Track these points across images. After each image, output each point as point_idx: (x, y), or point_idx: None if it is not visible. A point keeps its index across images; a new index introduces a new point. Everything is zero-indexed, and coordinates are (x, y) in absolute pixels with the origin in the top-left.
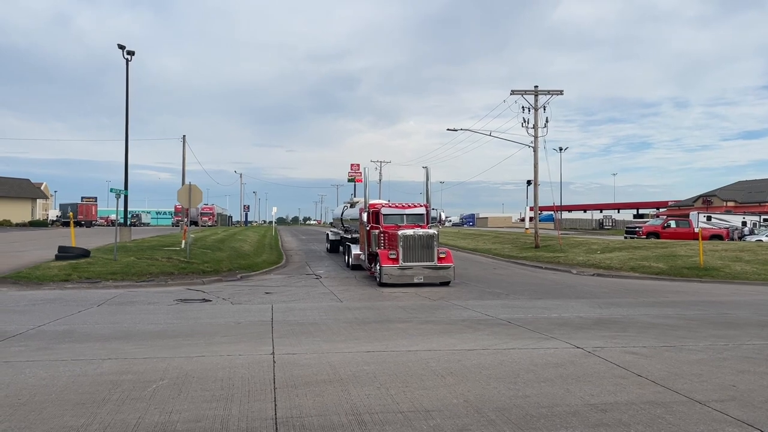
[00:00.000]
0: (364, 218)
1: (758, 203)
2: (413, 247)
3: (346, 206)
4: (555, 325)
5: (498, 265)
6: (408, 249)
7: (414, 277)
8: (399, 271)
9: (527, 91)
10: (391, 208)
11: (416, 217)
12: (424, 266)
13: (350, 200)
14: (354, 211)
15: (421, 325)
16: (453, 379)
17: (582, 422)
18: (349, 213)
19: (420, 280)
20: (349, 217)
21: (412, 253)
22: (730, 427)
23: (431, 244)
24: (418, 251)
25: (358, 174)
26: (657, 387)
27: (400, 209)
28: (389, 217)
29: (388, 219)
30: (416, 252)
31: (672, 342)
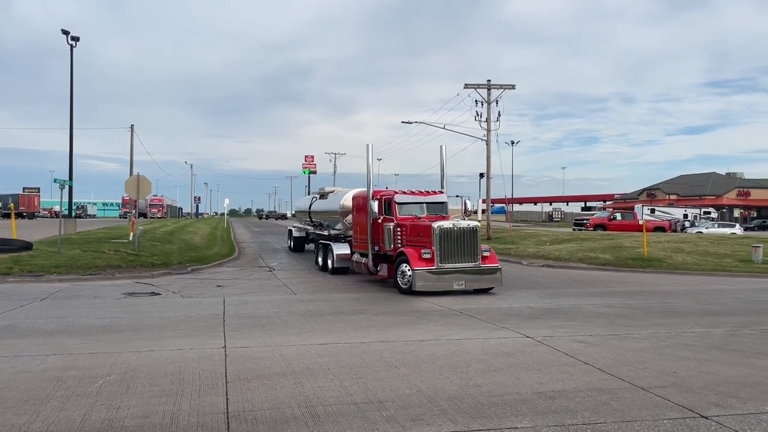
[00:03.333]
0: (374, 208)
1: (699, 196)
2: (453, 244)
3: (315, 197)
4: (506, 315)
5: None
6: (447, 246)
7: (454, 282)
8: (435, 275)
9: (480, 85)
10: (407, 195)
11: (437, 207)
12: (466, 268)
13: (320, 190)
14: (326, 202)
15: (375, 316)
16: (406, 370)
17: (531, 410)
18: (320, 205)
19: (461, 286)
20: (320, 210)
21: (451, 252)
22: (671, 412)
23: (475, 240)
24: (459, 249)
25: (313, 166)
26: (603, 374)
27: (418, 196)
28: (405, 207)
29: (404, 209)
30: (457, 250)
31: (617, 330)
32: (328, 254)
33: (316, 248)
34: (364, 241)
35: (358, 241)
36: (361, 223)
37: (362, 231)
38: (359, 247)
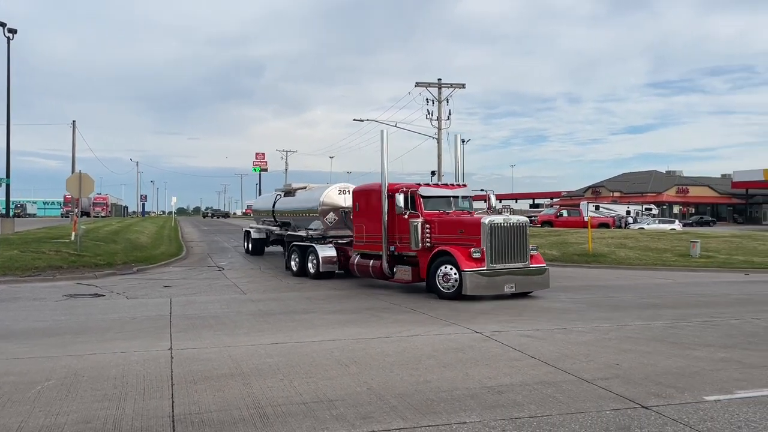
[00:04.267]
0: (399, 202)
1: (641, 193)
2: (504, 242)
3: (279, 195)
4: (456, 311)
5: None
6: (497, 245)
7: (504, 285)
8: (486, 277)
9: (431, 84)
10: (432, 188)
11: (463, 201)
12: (516, 269)
13: (286, 186)
14: (295, 200)
15: (327, 315)
16: (357, 368)
17: (479, 404)
18: (287, 203)
19: (511, 289)
20: (288, 209)
21: (502, 251)
22: (614, 403)
23: (525, 237)
24: (510, 248)
25: (264, 163)
26: (549, 367)
27: (443, 189)
28: (431, 201)
29: (430, 204)
30: (507, 249)
31: (563, 325)
32: (308, 257)
33: (289, 251)
34: (374, 240)
35: (364, 240)
36: (368, 220)
37: (371, 229)
38: (365, 248)
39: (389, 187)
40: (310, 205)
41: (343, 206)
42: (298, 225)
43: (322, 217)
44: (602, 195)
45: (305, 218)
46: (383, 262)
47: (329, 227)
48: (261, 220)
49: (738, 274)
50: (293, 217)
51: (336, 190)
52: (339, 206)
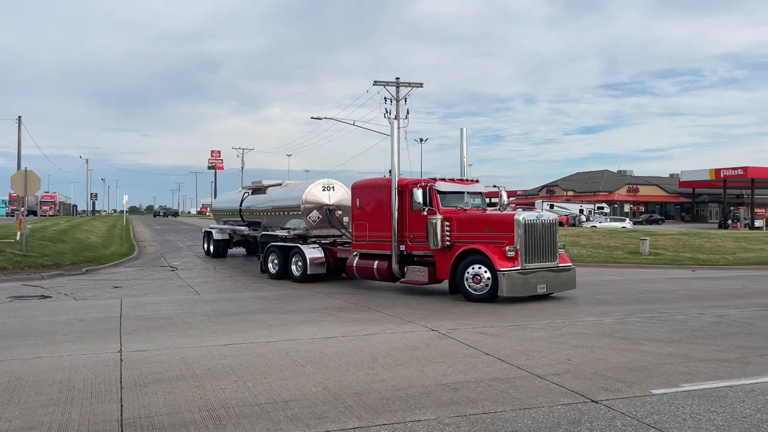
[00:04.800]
0: (418, 198)
1: (593, 192)
2: (537, 240)
3: (247, 193)
4: (413, 309)
5: None
6: (530, 243)
7: (537, 285)
8: (522, 276)
9: (389, 83)
10: (448, 183)
11: (477, 197)
12: (548, 268)
13: (255, 183)
14: (267, 198)
15: (283, 315)
16: (312, 368)
17: (434, 402)
18: (257, 201)
19: (543, 289)
20: (260, 207)
21: (534, 250)
22: (565, 398)
23: (555, 235)
24: (542, 246)
25: (219, 161)
26: (503, 364)
27: (459, 185)
28: (448, 198)
29: (447, 200)
30: (540, 248)
31: (517, 321)
32: (291, 259)
33: (265, 253)
34: (380, 239)
35: (367, 240)
36: (372, 218)
37: (376, 227)
38: (368, 247)
39: (399, 182)
40: (290, 203)
41: (328, 204)
42: (272, 224)
43: (305, 215)
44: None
45: (281, 217)
46: (392, 262)
47: (313, 226)
48: (223, 219)
49: (685, 270)
50: (267, 215)
51: (319, 187)
52: (323, 204)
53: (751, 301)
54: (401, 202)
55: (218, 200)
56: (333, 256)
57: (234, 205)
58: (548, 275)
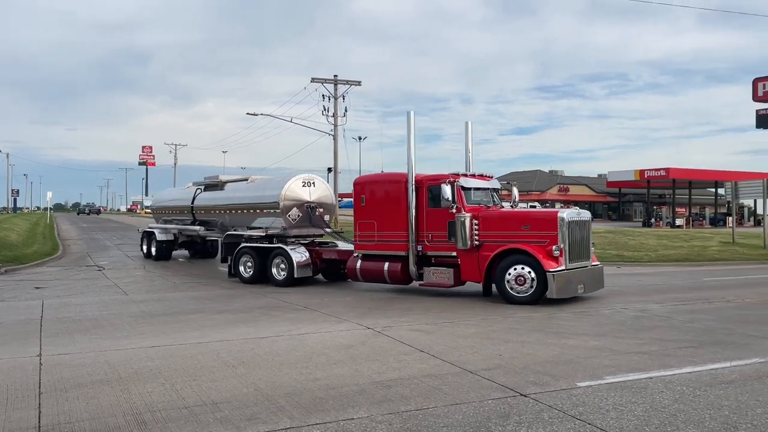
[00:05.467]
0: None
1: (526, 192)
2: (576, 239)
3: (199, 189)
4: (348, 307)
5: None
6: (572, 242)
7: (578, 286)
8: (567, 277)
9: (327, 80)
10: (470, 179)
11: (495, 194)
12: (584, 267)
13: (210, 178)
14: (227, 194)
15: (215, 315)
16: (244, 369)
17: (368, 400)
18: (212, 198)
19: (581, 290)
20: (216, 205)
21: (575, 249)
22: (495, 393)
23: (589, 234)
24: (581, 245)
25: (151, 157)
26: (436, 360)
27: (480, 181)
28: (471, 194)
29: (470, 197)
30: (579, 247)
31: (452, 318)
32: (272, 261)
33: (236, 255)
34: (391, 239)
35: (375, 240)
36: (382, 216)
37: (387, 226)
38: (376, 248)
39: (416, 178)
40: (265, 200)
41: (308, 200)
42: (236, 223)
43: (284, 213)
44: None
45: (247, 215)
46: (410, 264)
47: (292, 225)
48: (164, 218)
49: (611, 267)
50: (229, 214)
51: (299, 182)
52: (303, 201)
53: (671, 296)
54: (419, 199)
55: (160, 197)
56: (319, 258)
57: (182, 203)
58: (585, 275)
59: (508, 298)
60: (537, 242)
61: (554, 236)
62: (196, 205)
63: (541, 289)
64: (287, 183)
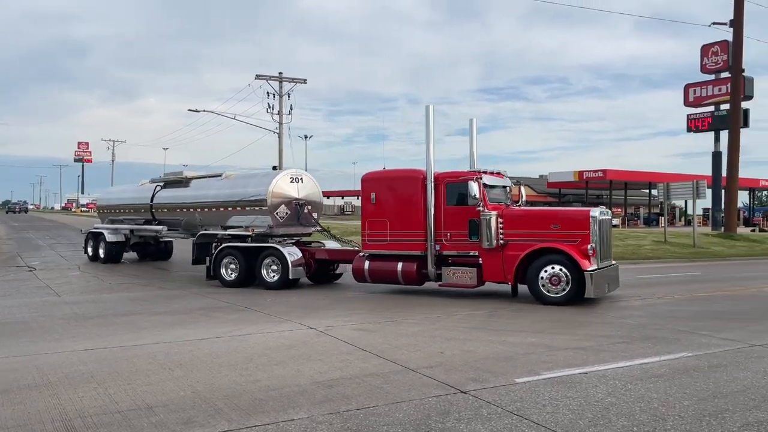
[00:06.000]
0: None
1: None
2: (605, 238)
3: (159, 186)
4: (291, 307)
5: None
6: (602, 242)
7: (605, 285)
8: (601, 277)
9: (272, 77)
10: (490, 176)
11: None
12: (608, 266)
13: (171, 175)
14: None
15: (152, 316)
16: (182, 371)
17: (309, 400)
18: (173, 195)
19: (606, 289)
20: (183, 203)
21: (603, 248)
22: (436, 390)
23: (611, 233)
24: (607, 244)
25: (87, 153)
26: (379, 359)
27: (499, 179)
28: (491, 192)
29: (490, 195)
30: (606, 245)
31: (395, 317)
32: (262, 262)
33: (216, 256)
34: (406, 238)
35: (388, 240)
36: (395, 214)
37: (400, 225)
38: (388, 247)
39: (435, 176)
40: (249, 197)
41: (297, 197)
42: (207, 222)
43: (272, 211)
44: None
45: (223, 213)
46: (429, 264)
47: (280, 223)
48: (110, 218)
49: None
50: (200, 212)
51: (287, 178)
52: (292, 198)
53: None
54: (438, 197)
55: (108, 195)
56: (312, 258)
57: (138, 201)
58: (610, 273)
59: (542, 298)
60: (568, 241)
61: (586, 235)
62: (157, 204)
63: (575, 289)
64: (275, 179)
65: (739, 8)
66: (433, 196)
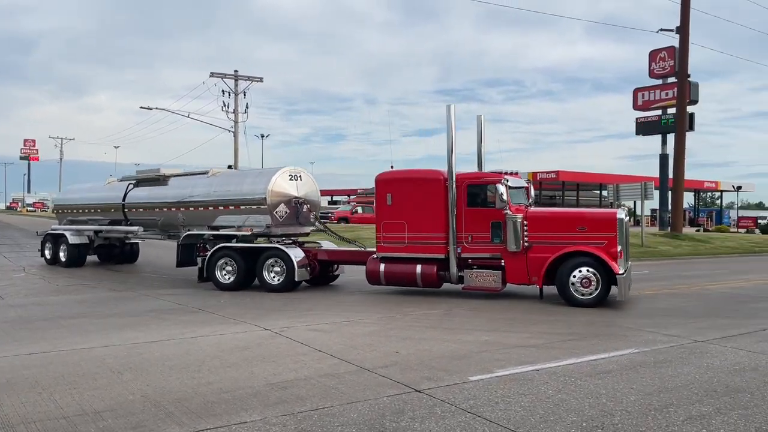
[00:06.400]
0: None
1: None
2: (626, 239)
3: (131, 185)
4: (246, 309)
5: None
6: (624, 244)
7: (628, 286)
8: (628, 278)
9: (227, 75)
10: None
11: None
12: (629, 268)
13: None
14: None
15: (101, 319)
16: (131, 375)
17: (262, 402)
18: (149, 194)
19: (629, 291)
20: (156, 202)
21: (626, 250)
22: (391, 389)
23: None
24: (627, 246)
25: (34, 151)
26: (334, 360)
27: (519, 180)
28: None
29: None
30: (627, 247)
31: (351, 317)
32: (264, 264)
33: (212, 258)
34: (424, 241)
35: (406, 242)
36: (414, 216)
37: (419, 227)
38: (406, 250)
39: (457, 177)
40: (244, 196)
41: (297, 196)
42: (191, 222)
43: (271, 210)
44: None
45: (210, 213)
46: (451, 266)
47: (279, 223)
48: (69, 218)
49: None
50: (185, 212)
51: (286, 176)
52: (291, 196)
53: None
54: (460, 199)
55: (69, 194)
56: (315, 259)
57: (106, 200)
58: (630, 276)
59: (573, 300)
60: (594, 243)
61: (612, 237)
62: (130, 203)
63: (605, 291)
64: (274, 176)
65: (685, 15)
66: (456, 197)
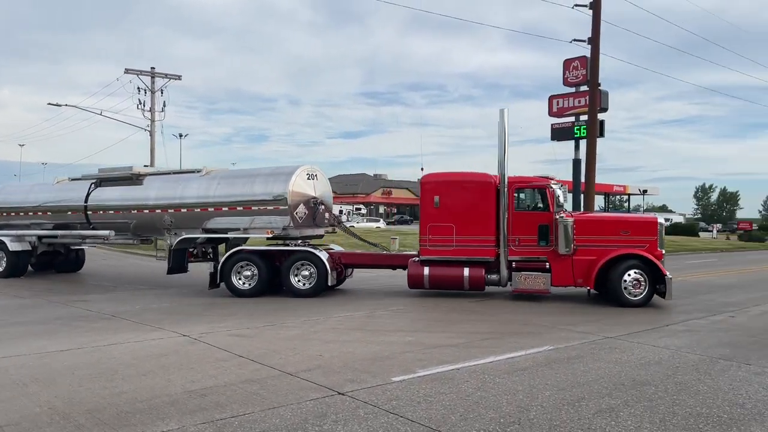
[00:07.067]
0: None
1: (352, 194)
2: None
3: (92, 185)
4: (165, 314)
5: (109, 255)
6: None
7: None
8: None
9: (143, 72)
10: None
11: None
12: None
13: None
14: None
15: (5, 328)
16: (38, 386)
17: (179, 410)
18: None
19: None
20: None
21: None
22: (314, 393)
23: None
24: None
25: None
26: (255, 365)
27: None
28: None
29: None
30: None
31: (274, 321)
32: (290, 268)
33: (228, 262)
34: (472, 244)
35: (454, 245)
36: (461, 219)
37: (466, 230)
38: (453, 253)
39: (510, 181)
40: (257, 197)
41: (314, 196)
42: (178, 225)
43: (291, 211)
44: None
45: (202, 215)
46: (502, 269)
47: (299, 224)
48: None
49: None
50: (173, 214)
51: (304, 175)
52: (309, 196)
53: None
54: (511, 202)
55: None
56: (340, 262)
57: (60, 202)
58: None
59: (624, 301)
60: (637, 246)
61: (654, 241)
62: (95, 205)
63: (651, 292)
64: (293, 176)
65: (596, 27)
66: (507, 201)
